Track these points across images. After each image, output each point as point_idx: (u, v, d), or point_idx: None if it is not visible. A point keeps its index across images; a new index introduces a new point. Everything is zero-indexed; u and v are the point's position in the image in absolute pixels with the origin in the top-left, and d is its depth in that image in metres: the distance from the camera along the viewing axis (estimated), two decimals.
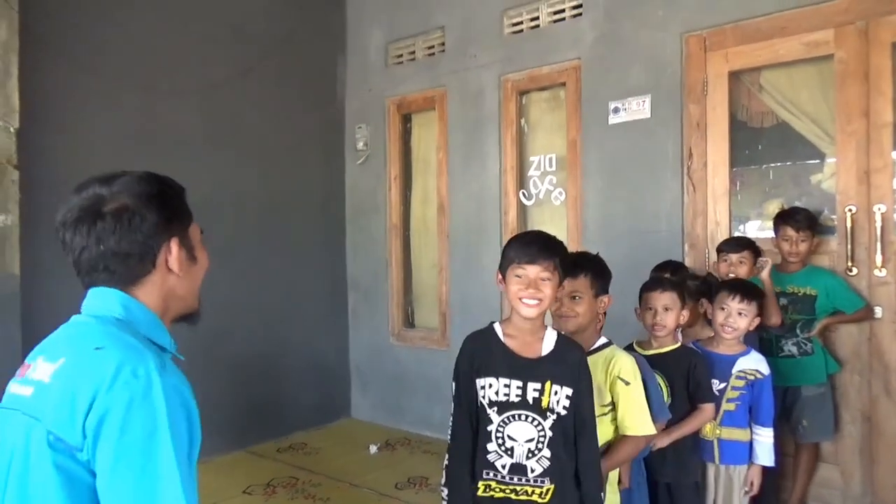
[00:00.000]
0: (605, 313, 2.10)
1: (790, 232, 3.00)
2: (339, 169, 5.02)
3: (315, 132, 4.84)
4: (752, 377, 2.46)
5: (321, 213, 4.89)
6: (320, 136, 4.89)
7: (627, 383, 1.94)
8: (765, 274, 2.90)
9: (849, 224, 3.05)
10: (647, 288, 2.40)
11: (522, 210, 4.23)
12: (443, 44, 4.49)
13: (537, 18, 4.06)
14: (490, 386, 1.74)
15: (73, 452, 0.96)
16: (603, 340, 2.03)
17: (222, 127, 4.19)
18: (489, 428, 1.74)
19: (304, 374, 4.66)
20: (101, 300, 1.13)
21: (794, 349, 3.00)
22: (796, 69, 3.31)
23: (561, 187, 4.04)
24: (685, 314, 2.35)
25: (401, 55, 4.74)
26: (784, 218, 3.05)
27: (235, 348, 4.17)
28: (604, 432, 1.91)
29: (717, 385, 2.42)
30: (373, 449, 4.23)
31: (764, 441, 2.44)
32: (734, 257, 2.97)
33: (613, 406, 1.97)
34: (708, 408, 2.33)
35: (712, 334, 2.58)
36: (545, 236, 1.81)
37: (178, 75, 3.96)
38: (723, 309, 2.48)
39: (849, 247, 3.05)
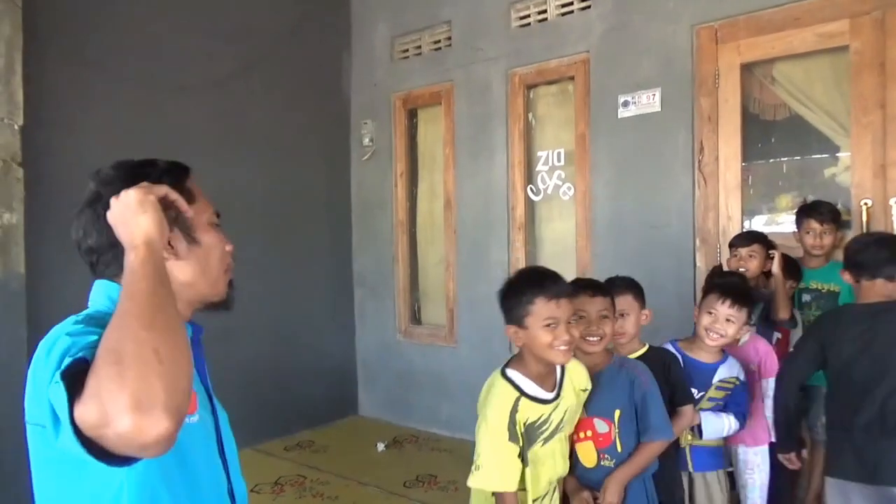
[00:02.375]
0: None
1: (814, 224, 2.92)
2: (344, 165, 4.99)
3: (320, 128, 4.81)
4: (732, 384, 2.31)
5: (327, 210, 4.86)
6: (325, 132, 4.86)
7: (585, 391, 1.92)
8: (775, 267, 2.81)
9: (864, 218, 2.99)
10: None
11: (530, 205, 4.19)
12: (449, 38, 4.45)
13: (545, 11, 4.01)
14: None
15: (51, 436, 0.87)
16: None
17: (227, 123, 4.16)
18: None
19: (310, 372, 4.63)
20: (95, 293, 1.09)
21: None
22: (810, 61, 3.26)
23: (569, 182, 4.00)
24: (647, 313, 2.22)
25: (407, 50, 4.70)
26: (808, 211, 2.97)
27: (242, 346, 4.14)
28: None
29: (694, 394, 2.26)
30: (380, 447, 4.21)
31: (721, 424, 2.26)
32: (744, 251, 2.86)
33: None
34: (687, 410, 2.13)
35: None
36: None
37: (183, 71, 3.92)
38: (710, 313, 2.27)
39: None
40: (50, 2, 3.36)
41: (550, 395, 1.77)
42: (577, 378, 1.86)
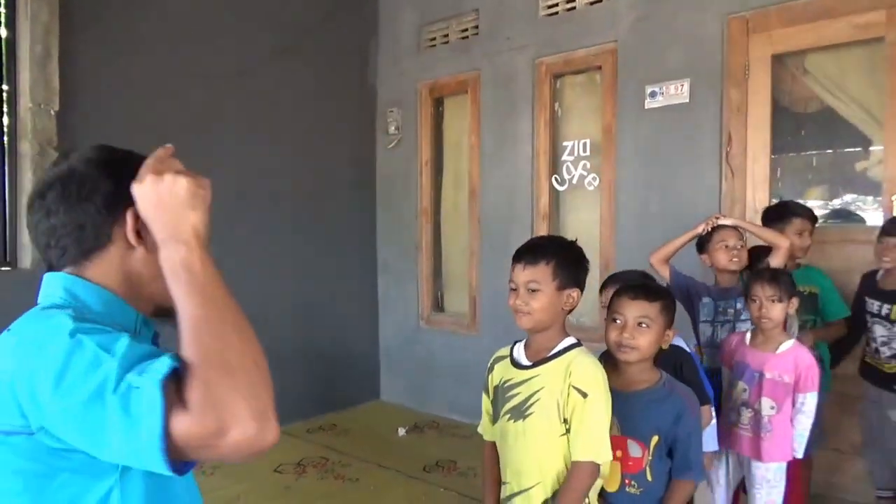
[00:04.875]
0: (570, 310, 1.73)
1: (806, 224, 2.81)
2: (370, 153, 5.03)
3: (347, 116, 4.84)
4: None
5: (352, 197, 4.90)
6: (352, 120, 4.89)
7: (584, 395, 1.60)
8: (730, 220, 2.67)
9: None
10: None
11: (555, 195, 4.18)
12: (476, 27, 4.44)
13: (573, 0, 3.98)
14: None
15: (28, 440, 0.84)
16: (569, 341, 1.71)
17: (255, 110, 4.21)
18: None
19: (334, 357, 4.70)
20: (47, 287, 0.99)
21: None
22: (844, 52, 3.19)
23: (595, 173, 3.98)
24: None
25: (434, 38, 4.70)
26: (795, 210, 2.84)
27: (267, 331, 4.16)
28: (567, 458, 1.65)
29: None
30: (401, 431, 4.26)
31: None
32: (734, 241, 2.62)
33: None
34: (704, 411, 2.11)
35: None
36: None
37: (214, 58, 3.98)
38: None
39: None
40: None
41: (525, 362, 1.73)
42: (576, 373, 1.62)
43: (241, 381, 0.79)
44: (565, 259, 1.69)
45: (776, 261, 2.57)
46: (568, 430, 1.63)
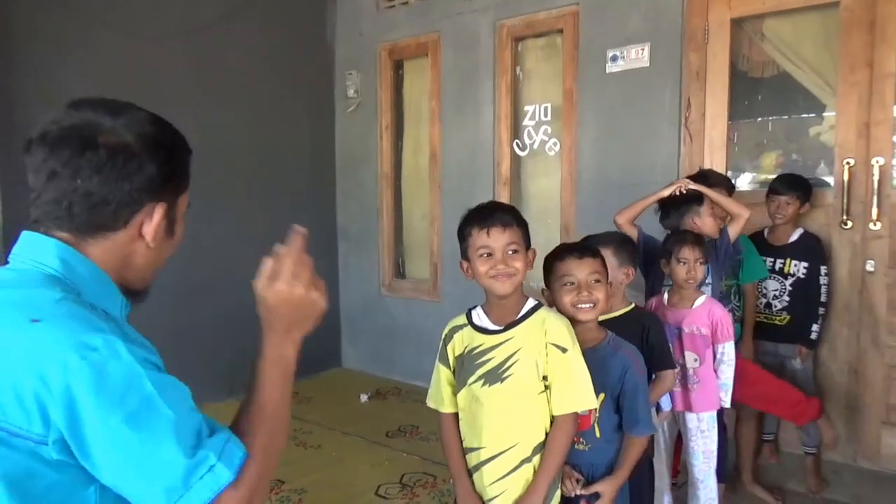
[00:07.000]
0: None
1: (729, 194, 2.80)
2: (328, 117, 4.91)
3: (304, 78, 4.71)
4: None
5: (310, 162, 4.80)
6: (309, 83, 4.76)
7: (564, 350, 1.66)
8: (697, 187, 2.62)
9: (846, 177, 3.01)
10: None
11: (516, 160, 4.16)
12: None
13: None
14: None
15: (33, 448, 0.81)
16: (532, 302, 1.74)
17: (207, 72, 4.06)
18: None
19: None
20: (34, 249, 0.92)
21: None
22: (800, 17, 3.23)
23: (555, 138, 3.97)
24: (627, 271, 2.20)
25: None
26: (726, 182, 2.84)
27: (224, 298, 4.12)
28: (544, 415, 1.69)
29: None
30: (363, 398, 4.27)
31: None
32: (703, 208, 2.61)
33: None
34: (668, 375, 2.15)
35: None
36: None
37: (161, 16, 3.80)
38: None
39: (845, 200, 3.03)
40: None
41: (493, 327, 1.72)
42: (552, 331, 1.66)
43: (272, 475, 0.96)
44: (522, 219, 1.73)
45: (734, 229, 2.62)
46: (546, 388, 1.66)
